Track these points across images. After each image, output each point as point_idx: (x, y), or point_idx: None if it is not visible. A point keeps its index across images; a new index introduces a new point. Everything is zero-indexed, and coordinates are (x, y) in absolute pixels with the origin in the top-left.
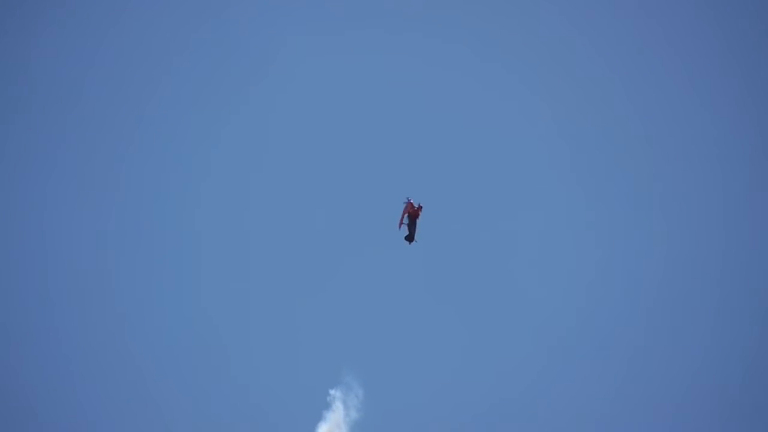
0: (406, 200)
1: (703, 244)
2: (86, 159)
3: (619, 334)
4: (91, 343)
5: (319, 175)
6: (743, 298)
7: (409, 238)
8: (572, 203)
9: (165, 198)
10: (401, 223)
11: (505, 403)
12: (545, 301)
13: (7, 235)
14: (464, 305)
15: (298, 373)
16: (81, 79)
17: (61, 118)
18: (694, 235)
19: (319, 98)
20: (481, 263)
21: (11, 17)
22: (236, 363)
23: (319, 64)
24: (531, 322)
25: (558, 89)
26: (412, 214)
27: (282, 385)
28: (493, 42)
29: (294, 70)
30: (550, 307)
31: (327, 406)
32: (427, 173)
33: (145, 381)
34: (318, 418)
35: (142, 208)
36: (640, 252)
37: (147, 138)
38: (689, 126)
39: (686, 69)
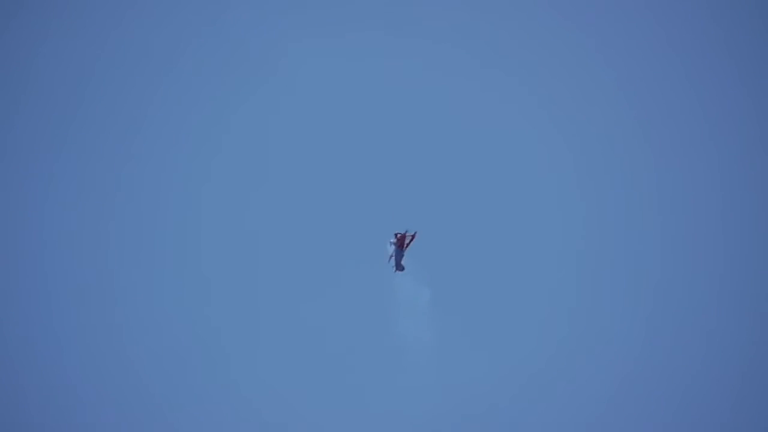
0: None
1: (701, 243)
2: (87, 162)
3: (618, 335)
4: (92, 346)
5: (320, 178)
6: (742, 299)
7: (398, 262)
8: (571, 204)
9: (167, 201)
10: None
11: (506, 404)
12: (544, 302)
13: (9, 237)
14: (464, 306)
15: (299, 376)
16: (83, 83)
17: (63, 122)
18: (692, 235)
19: (320, 102)
20: (481, 265)
21: (14, 19)
22: (236, 365)
23: (320, 67)
24: (530, 324)
25: (556, 92)
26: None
27: (282, 387)
28: (494, 45)
29: (295, 74)
30: (548, 309)
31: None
32: (427, 175)
33: (146, 384)
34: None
35: (144, 210)
36: (639, 253)
37: (149, 141)
38: (687, 127)
39: (684, 69)
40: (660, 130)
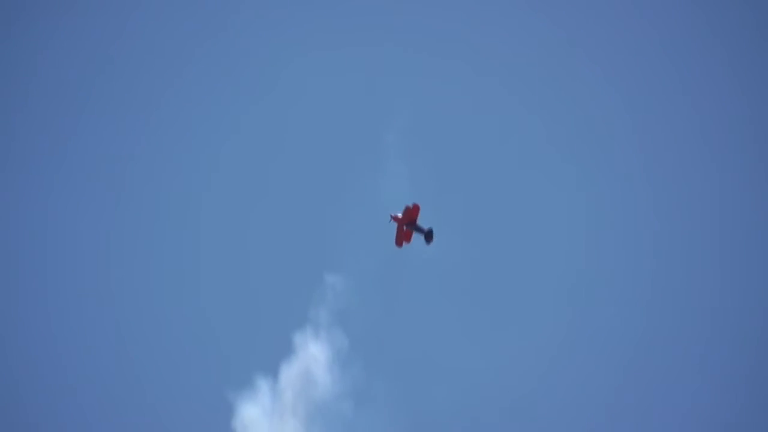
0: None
1: (698, 245)
2: (86, 163)
3: (616, 333)
4: (90, 346)
5: (320, 183)
6: (741, 298)
7: (427, 236)
8: (568, 205)
9: (166, 205)
10: (401, 239)
11: (505, 403)
12: (541, 301)
13: (9, 235)
14: (461, 305)
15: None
16: (83, 85)
17: (65, 123)
18: (689, 236)
19: (323, 112)
20: (479, 265)
21: (18, 18)
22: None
23: (323, 80)
24: (528, 323)
25: (553, 96)
26: (410, 220)
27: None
28: (496, 56)
29: (298, 87)
30: (546, 308)
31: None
32: (428, 178)
33: (144, 385)
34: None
35: (143, 213)
36: (637, 253)
37: (150, 147)
38: (684, 128)
39: (683, 70)
40: (657, 128)
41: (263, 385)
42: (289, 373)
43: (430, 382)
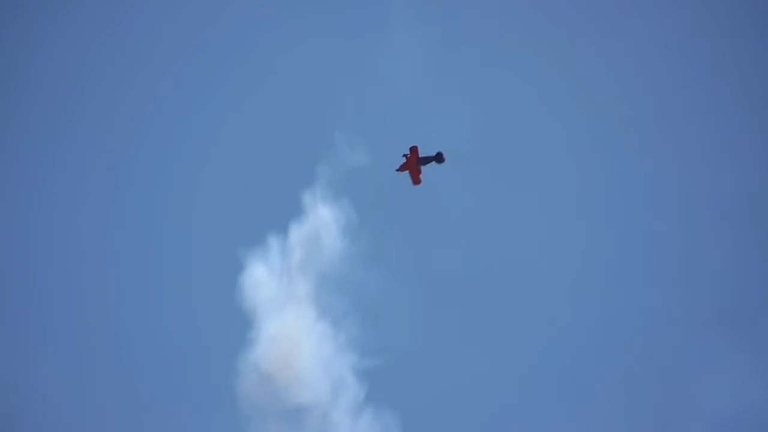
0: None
1: (699, 244)
2: (81, 161)
3: (616, 334)
4: (86, 347)
5: (319, 184)
6: (742, 297)
7: (438, 159)
8: (567, 203)
9: (162, 204)
10: (416, 177)
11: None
12: (540, 302)
13: (5, 236)
14: (458, 305)
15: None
16: (78, 83)
17: (60, 121)
18: (690, 235)
19: (320, 104)
20: (489, 139)
21: (13, 17)
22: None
23: (322, 71)
24: (526, 323)
25: (553, 92)
26: (414, 160)
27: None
28: (493, 44)
29: (296, 78)
30: (545, 309)
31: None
32: (430, 176)
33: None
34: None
35: (140, 213)
36: (637, 252)
37: (146, 144)
38: (686, 126)
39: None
40: (660, 131)
41: (273, 243)
42: (299, 232)
43: (441, 245)
